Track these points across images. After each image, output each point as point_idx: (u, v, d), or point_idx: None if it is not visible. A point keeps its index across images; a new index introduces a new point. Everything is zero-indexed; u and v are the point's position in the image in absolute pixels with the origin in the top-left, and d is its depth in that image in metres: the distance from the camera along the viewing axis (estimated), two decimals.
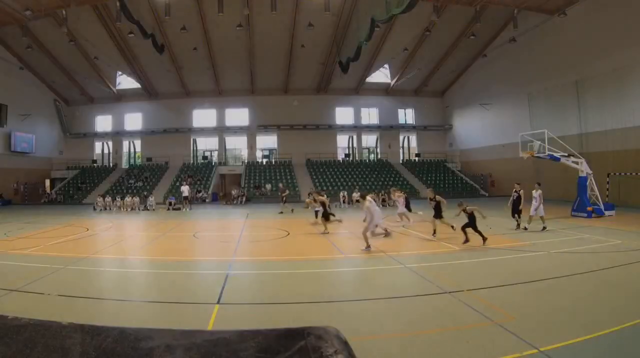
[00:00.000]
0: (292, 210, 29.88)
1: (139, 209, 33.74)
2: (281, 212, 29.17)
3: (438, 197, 16.64)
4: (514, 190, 18.45)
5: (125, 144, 54.01)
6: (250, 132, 51.62)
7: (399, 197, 20.60)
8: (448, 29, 39.34)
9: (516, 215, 18.15)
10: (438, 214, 16.47)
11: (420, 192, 41.49)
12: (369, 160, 53.47)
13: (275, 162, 51.02)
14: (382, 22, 34.67)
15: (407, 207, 20.46)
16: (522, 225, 17.62)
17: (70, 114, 52.67)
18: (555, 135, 24.03)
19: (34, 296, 8.46)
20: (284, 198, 31.23)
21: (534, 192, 17.17)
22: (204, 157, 51.98)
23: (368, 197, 14.71)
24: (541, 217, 17.28)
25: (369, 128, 53.25)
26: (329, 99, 51.34)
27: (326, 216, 18.03)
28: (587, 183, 22.72)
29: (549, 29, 33.97)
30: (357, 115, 52.70)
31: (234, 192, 39.97)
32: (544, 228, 16.71)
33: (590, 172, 22.87)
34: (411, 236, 16.93)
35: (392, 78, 49.65)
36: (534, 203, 17.02)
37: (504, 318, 6.71)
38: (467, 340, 5.90)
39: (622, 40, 28.00)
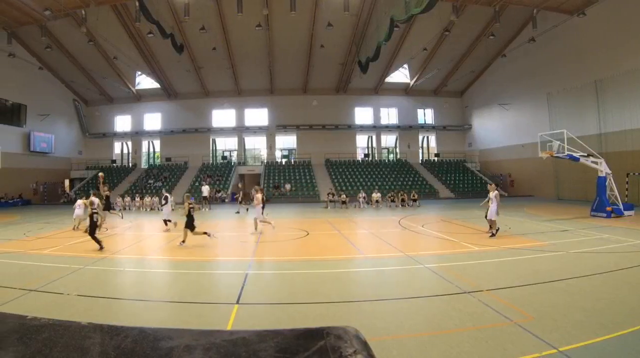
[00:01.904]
0: (247, 210, 30.29)
1: (158, 209, 33.56)
2: (238, 212, 30.28)
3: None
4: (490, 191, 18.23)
5: (145, 143, 54.63)
6: (269, 132, 51.98)
7: None
8: (467, 28, 39.59)
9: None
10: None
11: (440, 192, 41.98)
12: (388, 160, 53.64)
13: (294, 162, 51.60)
14: (402, 22, 34.89)
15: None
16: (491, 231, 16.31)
17: (90, 114, 53.27)
18: (574, 135, 23.89)
19: (53, 296, 8.51)
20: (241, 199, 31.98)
21: (490, 193, 16.19)
22: (223, 157, 52.53)
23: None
24: (490, 221, 16.11)
25: (388, 128, 53.39)
26: (348, 98, 51.72)
27: (190, 226, 15.49)
28: (606, 183, 22.57)
29: (568, 29, 33.90)
30: (377, 115, 53.04)
31: (251, 193, 40.16)
32: (492, 234, 15.66)
33: (610, 172, 22.72)
34: (431, 236, 16.81)
35: (411, 78, 49.97)
36: (492, 205, 15.93)
37: (523, 318, 6.72)
38: (486, 340, 5.92)
39: None
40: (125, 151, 54.82)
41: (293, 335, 1.84)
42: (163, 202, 21.39)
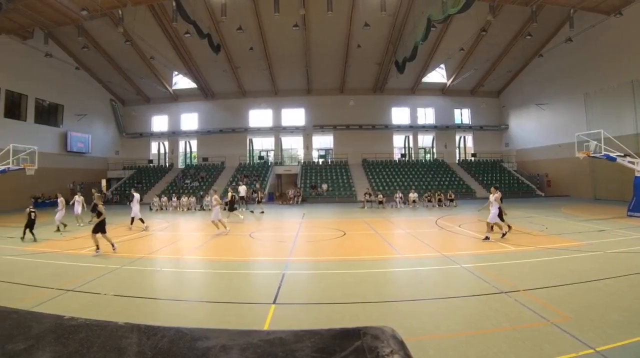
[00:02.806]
0: (252, 212, 30.84)
1: (195, 209, 34.55)
2: (262, 211, 30.62)
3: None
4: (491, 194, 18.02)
5: (182, 143, 55.48)
6: (306, 132, 52.69)
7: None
8: (504, 28, 39.77)
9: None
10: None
11: (477, 192, 42.35)
12: (425, 160, 53.76)
13: (331, 162, 52.19)
14: (439, 22, 35.25)
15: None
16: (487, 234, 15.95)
17: (126, 114, 54.34)
18: (611, 135, 24.21)
19: (90, 296, 8.73)
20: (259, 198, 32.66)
21: (490, 196, 16.06)
22: (260, 157, 53.16)
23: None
24: (488, 224, 15.82)
25: (425, 128, 53.65)
26: (385, 98, 52.17)
27: (99, 229, 14.36)
28: None
29: (605, 29, 33.87)
30: (413, 115, 53.43)
31: (290, 192, 40.88)
32: (487, 237, 15.39)
33: None
34: (467, 236, 17.04)
35: (448, 78, 50.44)
36: (492, 208, 15.78)
37: (560, 318, 6.80)
38: (523, 340, 6.00)
39: None
40: (162, 151, 55.79)
41: (330, 335, 1.88)
42: (131, 198, 22.16)
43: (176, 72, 50.01)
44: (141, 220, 20.97)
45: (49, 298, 8.42)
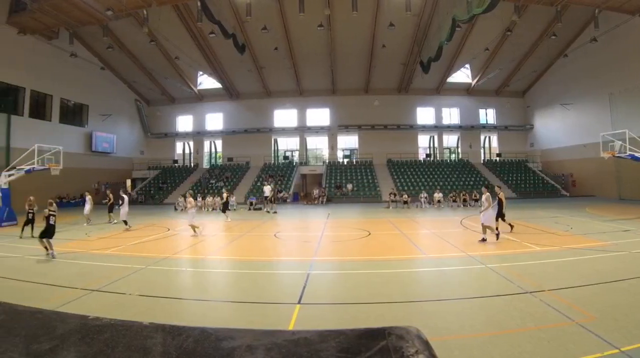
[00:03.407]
0: (275, 212, 31.21)
1: (219, 209, 33.86)
2: (275, 212, 31.15)
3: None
4: (496, 193, 17.88)
5: (207, 143, 56.52)
6: (331, 132, 53.30)
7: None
8: (529, 28, 40.00)
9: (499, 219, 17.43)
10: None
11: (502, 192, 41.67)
12: (450, 160, 54.22)
13: (356, 162, 52.61)
14: (463, 22, 35.52)
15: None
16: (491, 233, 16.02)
17: (151, 114, 55.22)
18: (636, 135, 24.47)
19: (115, 296, 8.79)
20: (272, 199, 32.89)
21: (483, 197, 15.76)
22: (285, 157, 53.89)
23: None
24: (483, 225, 15.54)
25: (450, 128, 54.10)
26: (410, 98, 52.64)
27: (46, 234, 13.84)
28: None
29: (630, 28, 33.86)
30: (438, 115, 53.89)
31: (315, 192, 41.28)
32: (484, 239, 15.23)
33: None
34: (493, 236, 16.47)
35: (473, 78, 51.09)
36: (487, 209, 15.44)
37: (585, 318, 6.77)
38: (547, 340, 5.98)
39: None
40: (187, 151, 56.51)
41: (355, 335, 1.90)
42: (120, 202, 22.46)
43: (201, 72, 50.74)
44: (125, 222, 21.26)
45: (73, 298, 8.51)
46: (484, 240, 15.15)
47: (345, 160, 52.79)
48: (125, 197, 22.51)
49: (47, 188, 31.33)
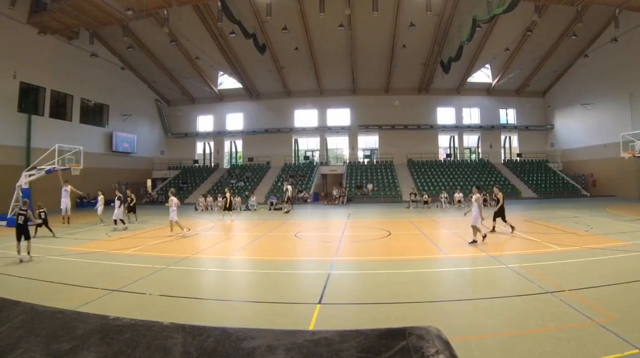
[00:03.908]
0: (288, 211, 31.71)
1: (240, 209, 34.98)
2: (287, 211, 31.68)
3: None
4: (494, 194, 17.84)
5: (227, 143, 57.03)
6: (351, 132, 53.52)
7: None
8: (549, 28, 40.10)
9: (497, 219, 17.91)
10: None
11: (522, 192, 42.85)
12: (471, 160, 54.37)
13: (376, 162, 52.89)
14: (484, 22, 35.90)
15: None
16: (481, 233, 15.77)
17: (172, 114, 55.77)
18: None
19: (135, 296, 8.85)
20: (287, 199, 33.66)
21: (473, 198, 15.60)
22: (306, 157, 54.30)
23: None
24: (473, 227, 15.26)
25: (471, 128, 54.15)
26: (430, 98, 52.80)
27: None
28: None
29: None
30: (459, 115, 54.03)
31: (335, 192, 41.63)
32: (474, 241, 14.92)
33: None
34: (513, 236, 16.77)
35: (493, 78, 51.27)
36: (473, 211, 15.22)
37: (605, 318, 6.73)
38: (568, 340, 5.97)
39: None
40: (207, 151, 56.91)
41: (375, 335, 1.91)
42: (117, 203, 21.84)
43: (221, 72, 51.17)
44: (115, 221, 21.15)
45: (94, 298, 8.56)
46: (474, 241, 14.94)
47: (366, 160, 53.08)
48: (120, 196, 22.18)
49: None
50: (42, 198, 21.68)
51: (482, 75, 51.29)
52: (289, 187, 33.90)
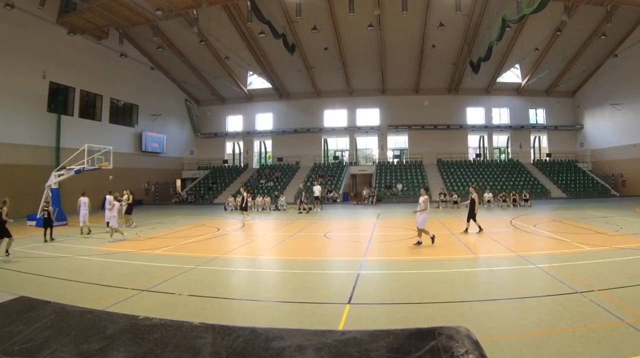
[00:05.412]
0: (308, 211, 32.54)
1: (269, 209, 35.66)
2: (308, 211, 32.43)
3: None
4: (470, 195, 18.73)
5: (256, 143, 58.03)
6: (381, 132, 53.96)
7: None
8: (579, 28, 39.96)
9: (471, 220, 18.34)
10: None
11: (552, 192, 43.19)
12: (500, 160, 54.41)
13: (406, 162, 53.21)
14: (513, 22, 35.61)
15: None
16: (464, 228, 17.98)
17: (201, 114, 56.58)
18: None
19: (165, 296, 8.96)
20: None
21: (420, 199, 15.17)
22: (335, 157, 54.85)
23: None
24: (418, 229, 15.25)
25: (500, 128, 54.29)
26: (460, 98, 53.07)
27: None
28: None
29: None
30: (488, 115, 54.16)
31: (365, 192, 41.93)
32: (419, 242, 14.91)
33: None
34: (542, 236, 17.15)
35: (522, 78, 51.43)
36: (419, 213, 14.98)
37: (635, 318, 6.75)
38: (598, 340, 5.98)
39: None
40: (236, 151, 57.82)
41: (404, 335, 1.93)
42: (108, 206, 19.83)
43: (251, 72, 51.94)
44: (107, 223, 19.25)
45: (123, 298, 8.72)
46: (419, 243, 15.01)
47: (395, 160, 53.42)
48: (120, 200, 21.02)
49: (97, 188, 31.72)
50: (72, 199, 22.03)
51: (512, 75, 51.40)
52: (319, 187, 34.50)
